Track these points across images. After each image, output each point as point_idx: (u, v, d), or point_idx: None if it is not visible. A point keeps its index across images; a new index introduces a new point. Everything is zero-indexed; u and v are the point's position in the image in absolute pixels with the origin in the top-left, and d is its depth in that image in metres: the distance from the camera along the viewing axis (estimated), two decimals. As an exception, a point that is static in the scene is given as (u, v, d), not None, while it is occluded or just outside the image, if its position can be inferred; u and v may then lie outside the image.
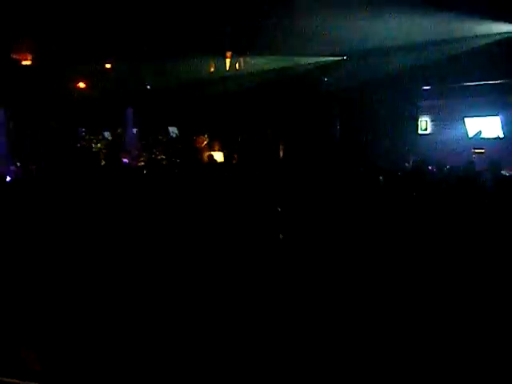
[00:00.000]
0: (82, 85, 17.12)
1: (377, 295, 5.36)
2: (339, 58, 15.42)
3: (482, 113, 15.31)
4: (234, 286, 5.65)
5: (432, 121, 16.53)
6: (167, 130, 19.12)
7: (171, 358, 4.51)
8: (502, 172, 9.90)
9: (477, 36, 13.23)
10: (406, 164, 12.56)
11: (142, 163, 15.67)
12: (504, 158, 12.52)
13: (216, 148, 17.22)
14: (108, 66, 15.96)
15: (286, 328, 4.91)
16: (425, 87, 15.86)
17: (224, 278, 5.78)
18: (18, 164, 14.65)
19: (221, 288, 5.61)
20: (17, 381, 4.06)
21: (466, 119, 15.66)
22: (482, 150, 14.70)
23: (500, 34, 13.11)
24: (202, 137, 17.75)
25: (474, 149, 14.86)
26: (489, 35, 13.18)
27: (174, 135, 18.95)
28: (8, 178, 10.90)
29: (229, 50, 15.00)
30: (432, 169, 10.98)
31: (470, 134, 15.64)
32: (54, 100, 16.18)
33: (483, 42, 13.28)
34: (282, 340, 4.72)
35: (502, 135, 15.10)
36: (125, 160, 15.02)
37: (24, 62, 14.82)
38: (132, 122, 18.97)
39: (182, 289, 5.65)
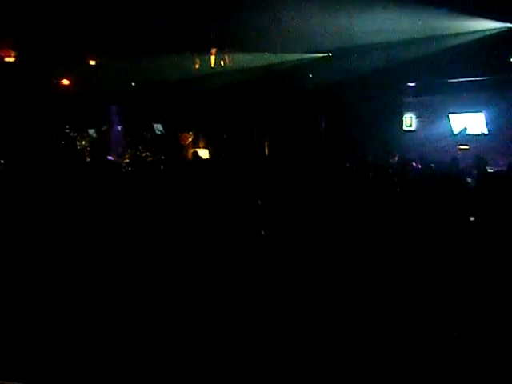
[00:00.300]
0: (66, 82, 17.01)
1: (360, 286, 5.38)
2: (324, 55, 15.40)
3: (466, 109, 15.36)
4: (219, 281, 5.65)
5: (417, 117, 16.58)
6: (152, 127, 19.04)
7: (162, 355, 4.51)
8: (488, 168, 9.95)
9: (461, 33, 13.26)
10: (391, 160, 12.58)
11: (127, 160, 15.60)
12: (489, 154, 12.59)
13: (201, 145, 17.20)
14: (92, 62, 15.87)
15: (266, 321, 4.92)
16: (410, 84, 15.90)
17: (209, 273, 5.77)
18: (2, 161, 14.53)
19: (205, 283, 5.61)
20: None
21: (451, 115, 15.69)
22: (467, 147, 14.77)
23: (484, 30, 13.14)
24: (186, 134, 17.71)
25: (459, 145, 14.93)
26: (473, 32, 13.21)
27: (159, 132, 18.87)
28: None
29: (213, 47, 14.96)
30: (416, 165, 11.01)
31: (455, 131, 15.68)
32: (38, 97, 16.06)
33: (468, 38, 13.31)
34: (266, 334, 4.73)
35: (486, 132, 15.15)
36: (109, 157, 14.96)
37: (7, 59, 14.71)
38: (117, 120, 18.88)
39: (167, 283, 5.64)
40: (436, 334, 4.68)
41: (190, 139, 17.68)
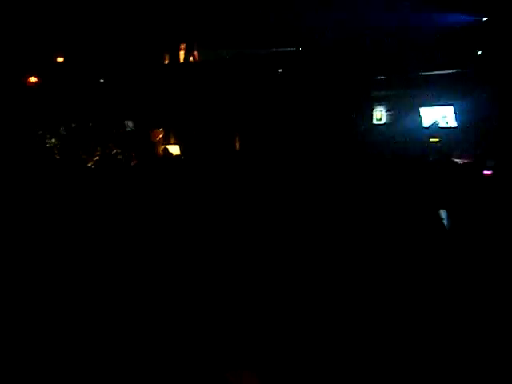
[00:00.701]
0: (33, 79, 16.81)
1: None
2: (294, 49, 15.40)
3: (436, 102, 15.44)
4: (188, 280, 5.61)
5: (387, 111, 16.64)
6: (123, 123, 18.86)
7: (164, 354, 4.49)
8: (457, 160, 10.04)
9: (432, 26, 13.33)
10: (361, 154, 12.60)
11: (97, 158, 15.45)
12: (459, 147, 12.70)
13: (172, 141, 17.10)
14: (60, 59, 15.71)
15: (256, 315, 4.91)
16: (379, 77, 15.94)
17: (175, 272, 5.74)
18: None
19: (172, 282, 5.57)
20: None
21: (421, 109, 15.77)
22: (437, 140, 14.86)
23: (455, 23, 13.23)
24: (157, 130, 17.60)
25: (430, 138, 15.02)
26: (444, 25, 13.29)
27: (130, 129, 18.71)
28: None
29: (182, 42, 14.90)
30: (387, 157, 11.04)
31: (425, 124, 15.76)
32: (2, 95, 15.85)
33: (438, 31, 13.38)
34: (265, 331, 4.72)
35: (455, 125, 15.25)
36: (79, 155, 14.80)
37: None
38: (87, 116, 18.68)
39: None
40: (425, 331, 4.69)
41: (161, 135, 17.58)
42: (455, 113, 15.14)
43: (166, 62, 15.80)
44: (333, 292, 5.24)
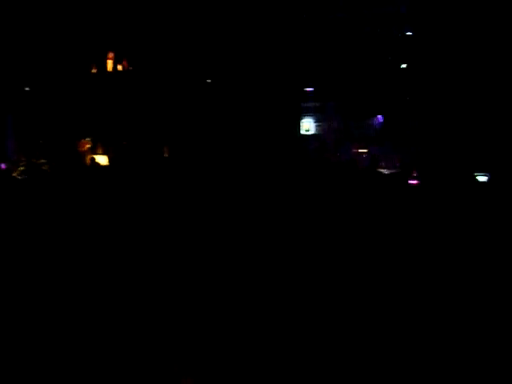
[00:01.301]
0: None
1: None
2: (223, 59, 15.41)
3: (363, 113, 15.68)
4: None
5: (315, 122, 16.81)
6: (50, 133, 18.44)
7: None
8: (383, 171, 10.26)
9: (359, 39, 13.59)
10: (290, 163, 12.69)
11: (22, 168, 15.06)
12: (385, 157, 12.96)
13: (99, 151, 16.82)
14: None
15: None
16: (307, 89, 16.09)
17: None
18: None
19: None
20: None
21: (349, 120, 15.98)
22: (365, 150, 15.14)
23: (368, 36, 13.53)
24: (84, 140, 17.28)
25: (356, 148, 15.28)
26: (370, 38, 13.56)
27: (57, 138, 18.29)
28: None
29: (111, 51, 14.72)
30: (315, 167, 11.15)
31: (352, 134, 15.98)
32: None
33: (358, 43, 13.65)
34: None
35: (381, 135, 15.52)
36: (2, 165, 14.41)
37: None
38: (11, 126, 18.21)
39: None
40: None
41: (88, 146, 17.27)
42: (381, 123, 15.43)
43: (94, 71, 15.58)
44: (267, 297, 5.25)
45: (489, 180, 9.22)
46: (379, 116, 15.37)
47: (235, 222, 6.83)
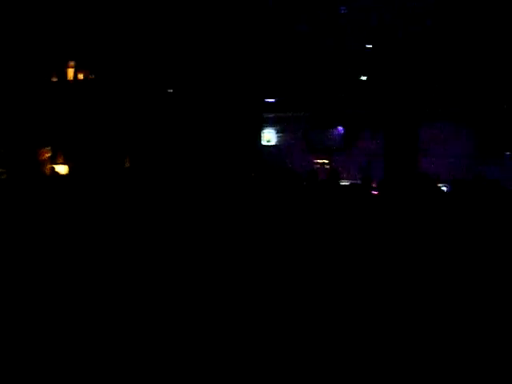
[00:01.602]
0: None
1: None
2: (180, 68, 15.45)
3: (323, 125, 15.85)
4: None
5: (277, 132, 16.94)
6: (7, 141, 18.21)
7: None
8: (344, 182, 10.40)
9: (314, 49, 13.75)
10: (252, 174, 12.76)
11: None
12: (345, 168, 13.13)
13: (59, 161, 16.66)
14: None
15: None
16: (268, 100, 16.21)
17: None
18: None
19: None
20: None
21: (310, 131, 16.13)
22: (326, 161, 15.34)
23: (335, 50, 13.72)
24: (44, 149, 17.10)
25: (316, 159, 15.50)
26: (330, 51, 13.74)
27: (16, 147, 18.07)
28: None
29: (71, 59, 14.65)
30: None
31: (314, 145, 16.12)
32: None
33: (319, 55, 13.83)
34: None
35: (342, 146, 15.71)
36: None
37: None
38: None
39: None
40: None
41: (48, 155, 17.09)
42: (343, 135, 15.62)
43: (54, 79, 15.47)
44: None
45: (448, 190, 9.43)
46: (339, 127, 15.56)
47: (192, 230, 6.85)
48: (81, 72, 15.45)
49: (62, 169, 15.09)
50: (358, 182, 10.17)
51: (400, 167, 12.59)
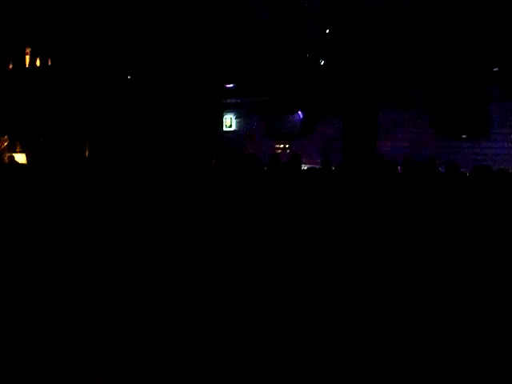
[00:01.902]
0: None
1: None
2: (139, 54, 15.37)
3: (282, 111, 15.90)
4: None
5: (236, 118, 16.98)
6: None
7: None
8: (305, 166, 10.52)
9: (272, 34, 13.80)
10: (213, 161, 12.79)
11: None
12: (305, 152, 13.25)
13: (17, 149, 16.46)
14: None
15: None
16: (227, 85, 16.20)
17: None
18: None
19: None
20: None
21: (268, 116, 16.17)
22: (287, 146, 15.49)
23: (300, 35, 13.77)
24: (1, 137, 16.88)
25: (277, 144, 15.61)
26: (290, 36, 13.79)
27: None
28: None
29: (28, 46, 14.46)
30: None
31: (272, 130, 16.17)
32: None
33: (278, 40, 13.87)
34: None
35: (301, 131, 15.79)
36: None
37: None
38: None
39: None
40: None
41: (6, 143, 16.87)
42: (301, 120, 15.70)
43: (11, 66, 15.25)
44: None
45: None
46: (299, 112, 15.64)
47: (155, 220, 6.86)
48: (38, 58, 15.25)
49: (20, 157, 14.93)
50: (318, 165, 10.27)
51: (358, 151, 12.72)
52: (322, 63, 14.30)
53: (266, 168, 9.38)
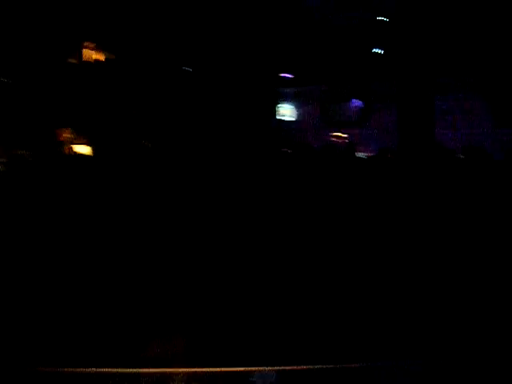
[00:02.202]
0: None
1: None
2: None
3: (340, 99, 15.86)
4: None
5: (293, 107, 16.97)
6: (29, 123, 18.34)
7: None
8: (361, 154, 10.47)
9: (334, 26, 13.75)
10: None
11: (3, 160, 15.02)
12: (362, 142, 13.19)
13: (81, 141, 16.82)
14: None
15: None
16: (285, 75, 16.21)
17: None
18: None
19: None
20: None
21: (329, 105, 16.11)
22: (345, 135, 15.42)
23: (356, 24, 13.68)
24: (65, 129, 17.26)
25: (336, 133, 15.55)
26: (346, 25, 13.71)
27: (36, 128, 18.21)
28: None
29: (89, 41, 14.76)
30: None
31: (333, 119, 16.12)
32: None
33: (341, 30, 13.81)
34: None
35: (360, 119, 15.72)
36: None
37: None
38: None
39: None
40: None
41: (70, 135, 17.25)
42: (361, 109, 15.63)
43: (72, 61, 15.60)
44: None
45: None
46: (357, 100, 15.57)
47: (213, 215, 6.84)
48: (99, 52, 15.55)
49: (83, 149, 15.26)
50: (375, 154, 10.21)
51: (415, 139, 12.57)
52: (378, 51, 14.21)
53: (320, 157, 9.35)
